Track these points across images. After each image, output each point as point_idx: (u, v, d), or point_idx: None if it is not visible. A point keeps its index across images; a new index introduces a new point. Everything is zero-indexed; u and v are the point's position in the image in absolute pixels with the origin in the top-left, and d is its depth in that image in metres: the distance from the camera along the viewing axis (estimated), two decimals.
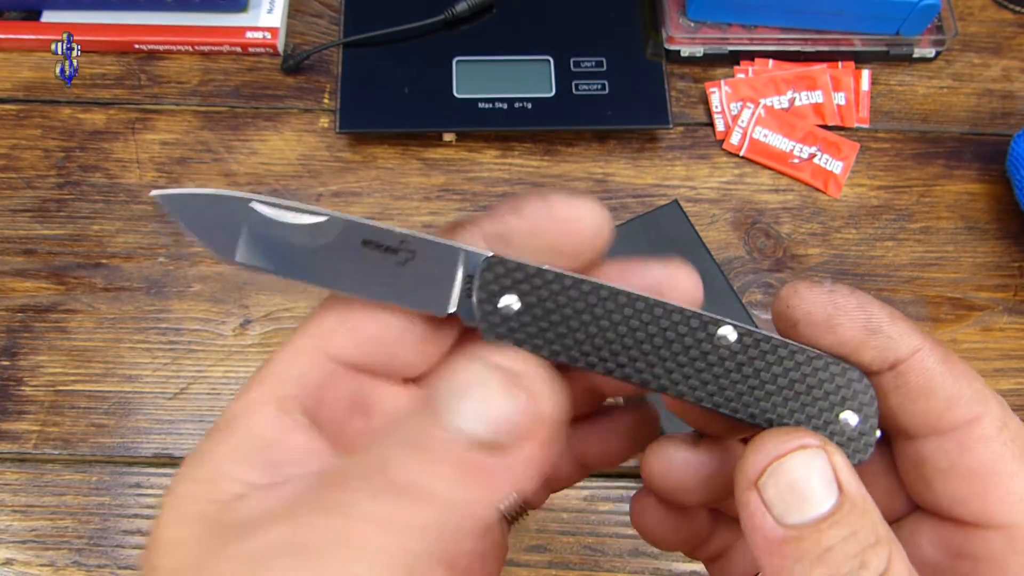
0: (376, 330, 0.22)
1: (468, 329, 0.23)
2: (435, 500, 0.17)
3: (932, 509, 0.22)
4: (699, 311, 0.21)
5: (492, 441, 0.17)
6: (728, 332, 0.21)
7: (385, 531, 0.17)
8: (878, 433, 0.21)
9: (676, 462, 0.24)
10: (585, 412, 0.26)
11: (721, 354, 0.21)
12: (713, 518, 0.27)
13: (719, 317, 0.21)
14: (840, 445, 0.21)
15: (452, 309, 0.22)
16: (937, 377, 0.21)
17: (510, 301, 0.21)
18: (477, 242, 0.22)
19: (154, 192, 0.21)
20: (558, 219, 0.21)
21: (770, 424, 0.21)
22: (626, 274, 0.23)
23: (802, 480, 0.19)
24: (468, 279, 0.21)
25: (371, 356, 0.22)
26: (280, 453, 0.20)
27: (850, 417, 0.21)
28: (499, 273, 0.21)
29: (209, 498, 0.19)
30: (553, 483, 0.27)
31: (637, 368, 0.21)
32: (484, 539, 0.25)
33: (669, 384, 0.21)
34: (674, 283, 0.22)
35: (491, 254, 0.21)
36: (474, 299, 0.21)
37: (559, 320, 0.21)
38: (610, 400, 0.27)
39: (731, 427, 0.24)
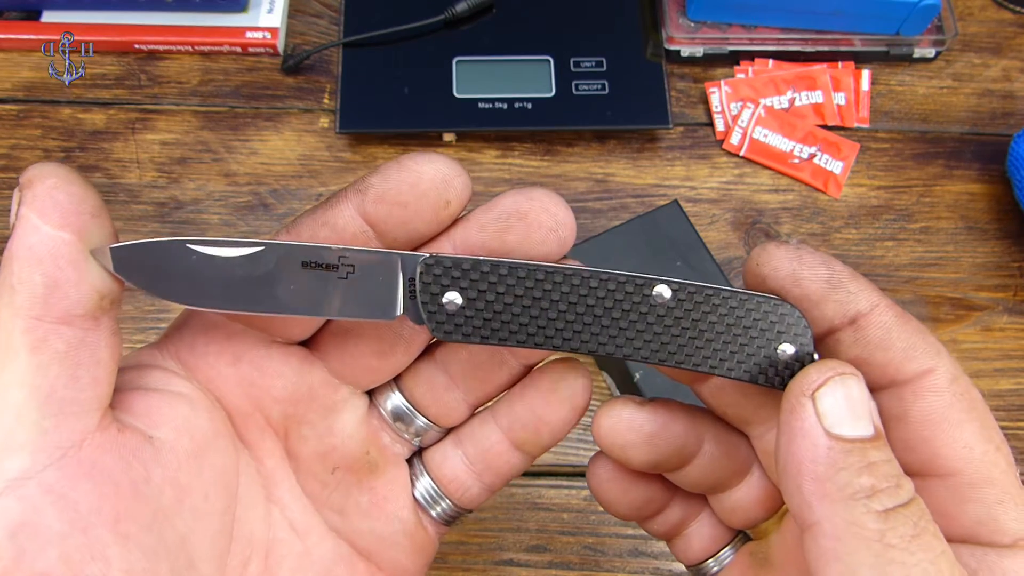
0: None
1: None
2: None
3: None
4: (633, 273, 0.22)
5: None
6: (663, 289, 0.22)
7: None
8: (816, 356, 0.22)
9: (623, 419, 0.25)
10: (507, 385, 0.26)
11: (659, 312, 0.22)
12: (668, 491, 0.27)
13: (653, 276, 0.22)
14: (780, 374, 0.22)
15: (399, 312, 0.22)
16: (895, 331, 0.22)
17: (452, 297, 0.22)
18: (351, 212, 0.22)
19: (90, 250, 0.21)
20: (405, 175, 0.22)
21: (713, 370, 0.22)
22: (484, 214, 0.23)
23: (855, 399, 0.20)
24: (410, 282, 0.22)
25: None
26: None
27: (787, 348, 0.22)
28: (437, 273, 0.22)
29: None
30: (491, 473, 0.27)
31: (583, 340, 0.22)
32: (389, 519, 0.25)
33: (615, 348, 0.22)
34: (533, 206, 0.23)
35: (427, 255, 0.22)
36: (418, 300, 0.22)
37: (501, 308, 0.22)
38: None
39: (700, 377, 0.25)
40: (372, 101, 0.57)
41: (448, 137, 0.57)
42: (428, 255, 0.22)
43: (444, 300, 0.22)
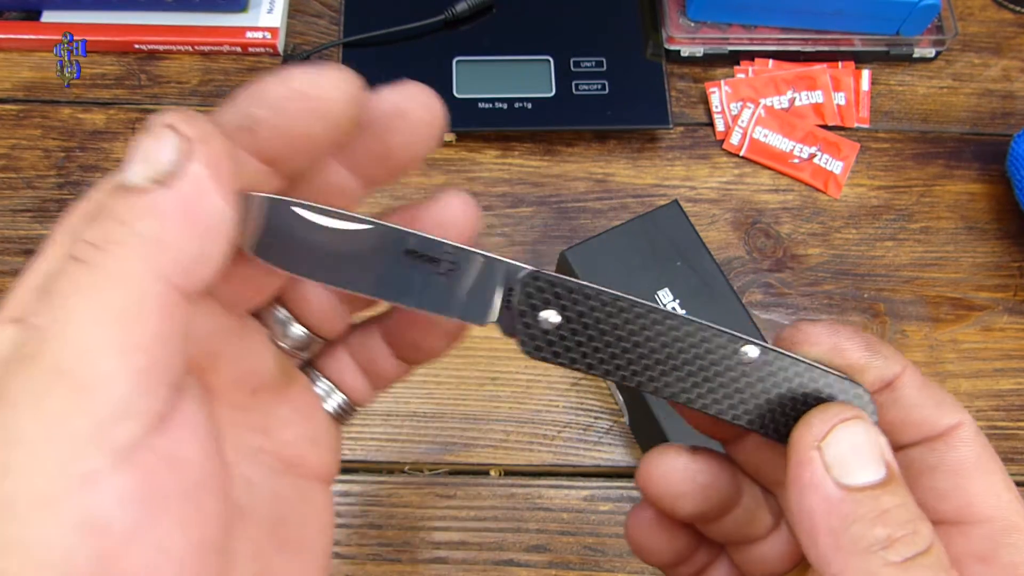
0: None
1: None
2: (128, 241, 0.17)
3: None
4: (724, 329, 0.22)
5: (154, 175, 0.17)
6: (751, 350, 0.22)
7: (95, 293, 0.17)
8: None
9: (676, 468, 0.25)
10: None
11: (743, 370, 0.22)
12: (696, 537, 0.28)
13: (743, 336, 0.22)
14: None
15: (492, 319, 0.22)
16: (925, 387, 0.23)
17: (549, 315, 0.22)
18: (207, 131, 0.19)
19: None
20: (296, 94, 0.21)
21: (770, 434, 0.23)
22: (410, 214, 0.23)
23: (860, 446, 0.20)
24: (508, 291, 0.22)
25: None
26: None
27: None
28: (540, 287, 0.22)
29: None
30: (376, 378, 0.27)
31: (666, 383, 0.22)
32: (309, 423, 0.25)
33: (694, 398, 0.22)
34: (448, 214, 0.23)
35: (532, 268, 0.22)
36: (514, 312, 0.22)
37: (596, 335, 0.22)
38: None
39: (726, 428, 0.25)
40: None
41: (448, 137, 0.57)
42: (533, 269, 0.22)
43: (540, 316, 0.22)
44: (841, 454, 0.20)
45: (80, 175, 0.56)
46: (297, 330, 0.25)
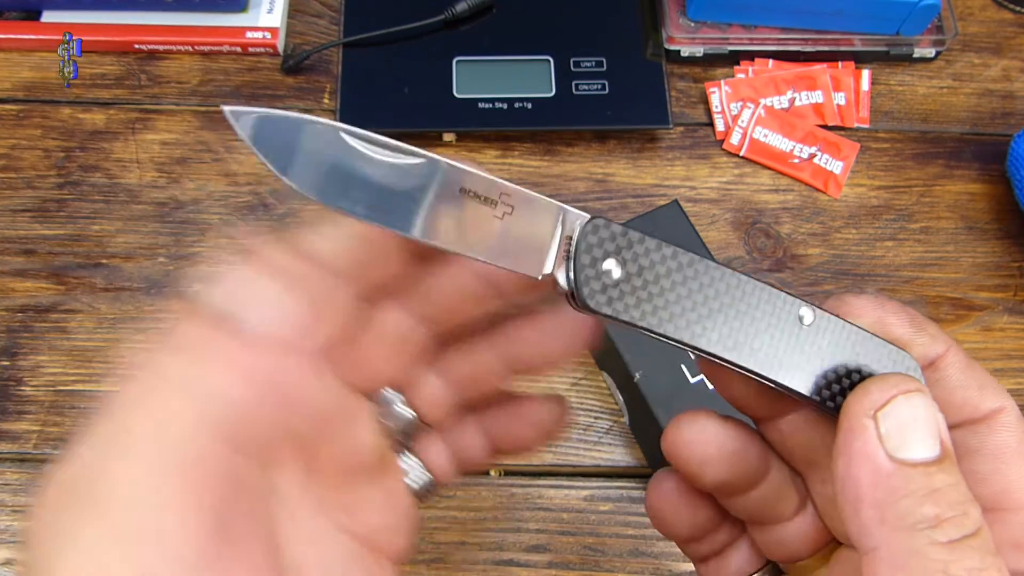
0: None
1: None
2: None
3: None
4: (784, 289, 0.22)
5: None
6: (806, 312, 0.22)
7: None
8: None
9: (705, 432, 0.25)
10: (497, 399, 0.26)
11: (799, 334, 0.22)
12: (720, 512, 0.27)
13: (799, 297, 0.22)
14: None
15: (548, 270, 0.21)
16: (969, 368, 0.22)
17: (611, 266, 0.21)
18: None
19: (224, 108, 0.19)
20: None
21: (823, 402, 0.22)
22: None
23: (919, 420, 0.20)
24: (567, 240, 0.21)
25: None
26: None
27: None
28: (603, 237, 0.21)
29: None
30: (463, 462, 0.27)
31: (724, 342, 0.21)
32: (395, 508, 0.25)
33: (750, 357, 0.22)
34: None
35: (593, 215, 0.21)
36: (574, 262, 0.20)
37: (656, 291, 0.21)
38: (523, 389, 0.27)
39: (766, 403, 0.25)
40: (372, 101, 0.57)
41: (448, 137, 0.57)
42: (594, 215, 0.21)
43: (603, 267, 0.20)
44: (898, 426, 0.20)
45: (80, 175, 0.56)
46: (404, 412, 0.25)
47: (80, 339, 0.51)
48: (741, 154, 0.58)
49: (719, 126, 0.59)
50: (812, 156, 0.58)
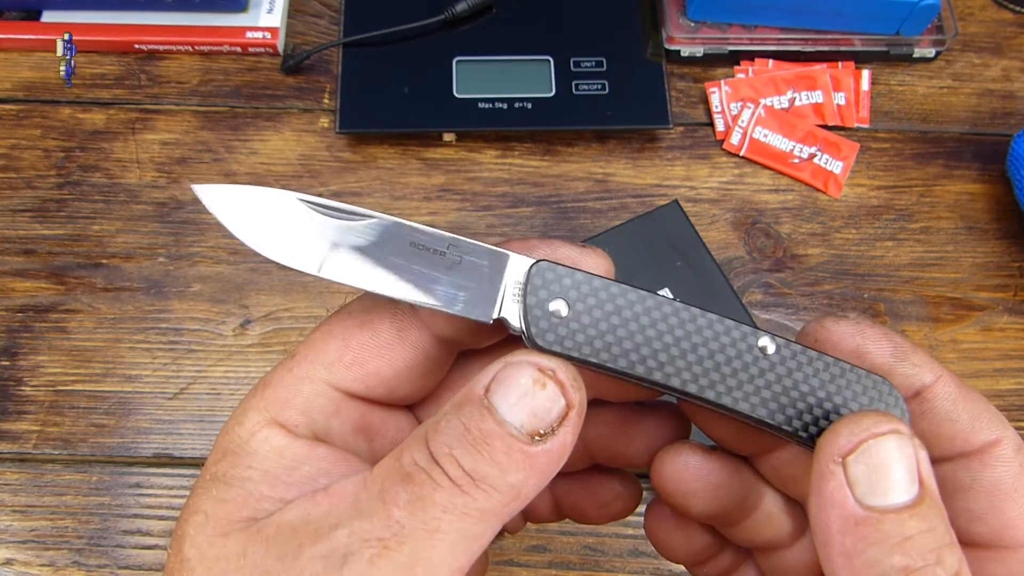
0: (377, 367, 0.22)
1: (463, 355, 0.24)
2: (499, 486, 0.19)
3: None
4: (741, 322, 0.22)
5: (537, 430, 0.19)
6: (767, 343, 0.21)
7: (460, 517, 0.18)
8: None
9: (690, 466, 0.24)
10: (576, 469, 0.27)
11: (760, 364, 0.21)
12: (719, 540, 0.27)
13: (759, 328, 0.22)
14: None
15: (497, 315, 0.22)
16: (960, 402, 0.21)
17: (558, 307, 0.21)
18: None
19: (194, 187, 0.21)
20: None
21: (795, 433, 0.21)
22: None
23: (891, 464, 0.19)
24: (515, 285, 0.22)
25: (373, 390, 0.22)
26: (309, 468, 0.21)
27: None
28: (548, 279, 0.21)
29: (242, 516, 0.20)
30: (532, 516, 0.28)
31: (680, 375, 0.21)
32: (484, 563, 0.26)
33: (707, 388, 0.21)
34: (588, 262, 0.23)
35: (539, 259, 0.21)
36: (523, 304, 0.21)
37: (606, 328, 0.21)
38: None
39: (750, 440, 0.24)
40: (372, 101, 0.57)
41: (448, 137, 0.57)
42: (539, 259, 0.21)
43: (550, 308, 0.21)
44: (867, 471, 0.19)
45: (80, 175, 0.56)
46: None
47: (80, 339, 0.51)
48: (741, 154, 0.58)
49: (719, 126, 0.59)
50: (812, 156, 0.58)
